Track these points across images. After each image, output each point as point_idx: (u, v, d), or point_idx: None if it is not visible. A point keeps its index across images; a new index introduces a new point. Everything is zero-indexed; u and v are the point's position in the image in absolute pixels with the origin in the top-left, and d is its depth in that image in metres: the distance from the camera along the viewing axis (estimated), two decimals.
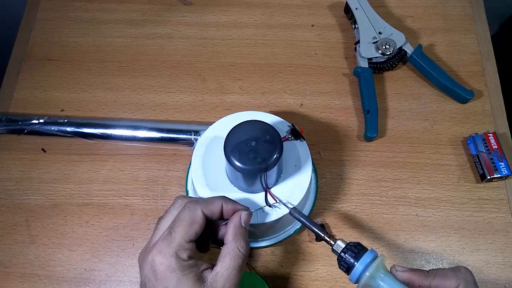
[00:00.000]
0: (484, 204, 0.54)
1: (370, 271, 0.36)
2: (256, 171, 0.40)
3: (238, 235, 0.38)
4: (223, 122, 0.48)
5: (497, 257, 0.51)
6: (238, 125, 0.41)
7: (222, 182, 0.45)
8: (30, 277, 0.51)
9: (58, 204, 0.54)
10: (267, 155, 0.39)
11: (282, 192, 0.44)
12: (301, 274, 0.50)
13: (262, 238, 0.50)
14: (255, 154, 0.39)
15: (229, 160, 0.40)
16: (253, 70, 0.62)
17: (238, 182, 0.44)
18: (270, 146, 0.40)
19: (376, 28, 0.61)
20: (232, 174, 0.43)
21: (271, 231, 0.49)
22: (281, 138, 0.41)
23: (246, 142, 0.40)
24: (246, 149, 0.40)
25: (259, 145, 0.40)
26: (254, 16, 0.66)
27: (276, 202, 0.43)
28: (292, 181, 0.45)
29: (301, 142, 0.47)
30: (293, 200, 0.44)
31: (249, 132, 0.41)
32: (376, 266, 0.37)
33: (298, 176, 0.45)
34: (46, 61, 0.63)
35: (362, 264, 0.37)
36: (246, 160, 0.39)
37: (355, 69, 0.60)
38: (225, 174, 0.45)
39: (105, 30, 0.65)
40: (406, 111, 0.59)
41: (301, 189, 0.45)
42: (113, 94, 0.60)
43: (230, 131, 0.41)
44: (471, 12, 0.66)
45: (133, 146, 0.57)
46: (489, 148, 0.54)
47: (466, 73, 0.61)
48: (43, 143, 0.57)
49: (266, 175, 0.41)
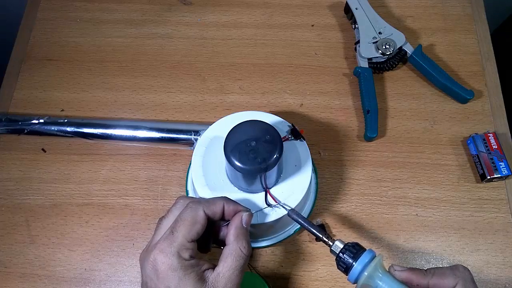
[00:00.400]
0: (484, 204, 0.54)
1: (369, 271, 0.36)
2: (256, 171, 0.40)
3: (240, 236, 0.38)
4: (223, 122, 0.48)
5: (497, 257, 0.51)
6: (238, 125, 0.41)
7: (222, 182, 0.45)
8: (30, 277, 0.51)
9: (58, 204, 0.54)
10: (267, 155, 0.39)
11: (282, 192, 0.44)
12: (301, 274, 0.50)
13: (262, 238, 0.50)
14: (255, 154, 0.39)
15: (229, 160, 0.40)
16: (253, 70, 0.62)
17: (238, 182, 0.44)
18: (270, 146, 0.40)
19: (376, 28, 0.61)
20: (232, 174, 0.43)
21: (271, 231, 0.49)
22: (281, 138, 0.41)
23: (246, 142, 0.40)
24: (246, 149, 0.40)
25: (259, 145, 0.40)
26: (254, 16, 0.66)
27: (276, 202, 0.43)
28: (292, 181, 0.45)
29: (301, 142, 0.47)
30: (293, 200, 0.44)
31: (249, 132, 0.41)
32: (375, 266, 0.37)
33: (298, 176, 0.45)
34: (46, 61, 0.63)
35: (360, 264, 0.37)
36: (246, 160, 0.39)
37: (355, 69, 0.60)
38: (225, 174, 0.45)
39: (105, 30, 0.65)
40: (406, 111, 0.59)
41: (301, 189, 0.45)
42: (113, 94, 0.60)
43: (230, 131, 0.41)
44: (471, 12, 0.66)
45: (133, 146, 0.57)
46: (489, 148, 0.54)
47: (466, 73, 0.61)
48: (43, 143, 0.57)
49: (266, 175, 0.41)
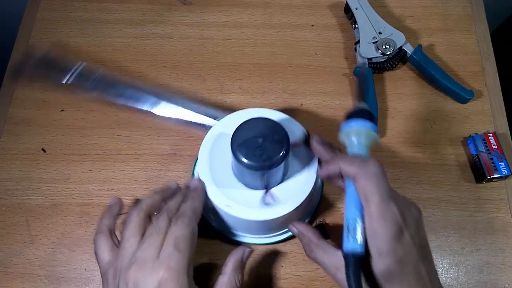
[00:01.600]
0: (484, 204, 0.54)
1: (356, 131, 0.40)
2: (260, 168, 0.40)
3: (238, 269, 0.39)
4: (232, 118, 0.48)
5: (497, 257, 0.51)
6: (247, 121, 0.42)
7: (228, 178, 0.45)
8: (30, 277, 0.51)
9: (58, 204, 0.54)
10: (274, 153, 0.40)
11: (286, 191, 0.44)
12: (301, 274, 0.50)
13: (263, 235, 0.50)
14: (261, 151, 0.40)
15: (235, 155, 0.40)
16: (253, 70, 0.62)
17: (244, 179, 0.44)
18: (277, 145, 0.40)
19: (376, 28, 0.61)
20: (238, 170, 0.43)
21: (275, 227, 0.49)
22: (288, 138, 0.41)
23: (254, 138, 0.40)
24: (253, 146, 0.40)
25: (267, 142, 0.40)
26: (254, 16, 0.66)
27: (273, 202, 0.44)
28: (297, 180, 0.45)
29: (298, 127, 0.47)
30: (296, 200, 0.44)
31: (257, 129, 0.41)
32: (364, 134, 0.40)
33: (303, 176, 0.45)
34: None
35: (356, 123, 0.41)
36: (252, 156, 0.40)
37: (355, 69, 0.60)
38: (231, 170, 0.45)
39: (105, 30, 0.65)
40: (406, 111, 0.59)
41: (305, 189, 0.44)
42: None
43: (239, 126, 0.41)
44: (471, 12, 0.66)
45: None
46: (489, 148, 0.54)
47: (466, 73, 0.61)
48: (43, 143, 0.57)
49: (269, 174, 0.41)
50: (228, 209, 0.43)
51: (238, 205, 0.43)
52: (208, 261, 0.51)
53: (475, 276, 0.51)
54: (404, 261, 0.34)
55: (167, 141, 0.57)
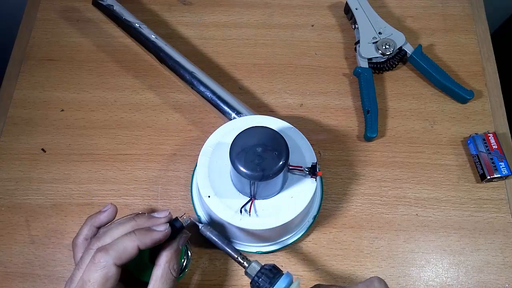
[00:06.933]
0: (484, 204, 0.54)
1: None
2: (256, 178, 0.39)
3: (172, 258, 0.38)
4: (230, 126, 0.48)
5: (497, 257, 0.51)
6: (247, 130, 0.41)
7: (227, 187, 0.45)
8: (30, 277, 0.51)
9: (58, 204, 0.54)
10: (272, 163, 0.39)
11: (285, 200, 0.44)
12: (301, 274, 0.50)
13: (264, 244, 0.50)
14: (260, 161, 0.39)
15: (233, 163, 0.40)
16: (253, 70, 0.62)
17: (243, 188, 0.43)
18: (276, 155, 0.39)
19: (376, 28, 0.61)
20: (236, 179, 0.43)
21: (273, 237, 0.49)
22: (288, 148, 0.40)
23: (253, 147, 0.40)
24: (252, 155, 0.39)
25: (266, 152, 0.40)
26: (254, 16, 0.66)
27: (246, 213, 0.43)
28: (296, 189, 0.45)
29: (308, 150, 0.46)
30: (296, 209, 0.44)
31: (257, 138, 0.40)
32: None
33: (303, 185, 0.45)
34: (46, 61, 0.63)
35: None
36: (249, 166, 0.39)
37: (355, 69, 0.60)
38: (230, 179, 0.45)
39: (105, 30, 0.65)
40: (406, 111, 0.59)
41: (304, 198, 0.44)
42: (113, 94, 0.60)
43: (239, 134, 0.41)
44: (471, 12, 0.66)
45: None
46: (489, 148, 0.54)
47: (466, 73, 0.61)
48: (43, 143, 0.57)
49: (258, 185, 0.41)
50: (207, 200, 0.44)
51: (217, 197, 0.44)
52: (208, 261, 0.51)
53: (475, 276, 0.51)
54: None
55: (167, 141, 0.57)
